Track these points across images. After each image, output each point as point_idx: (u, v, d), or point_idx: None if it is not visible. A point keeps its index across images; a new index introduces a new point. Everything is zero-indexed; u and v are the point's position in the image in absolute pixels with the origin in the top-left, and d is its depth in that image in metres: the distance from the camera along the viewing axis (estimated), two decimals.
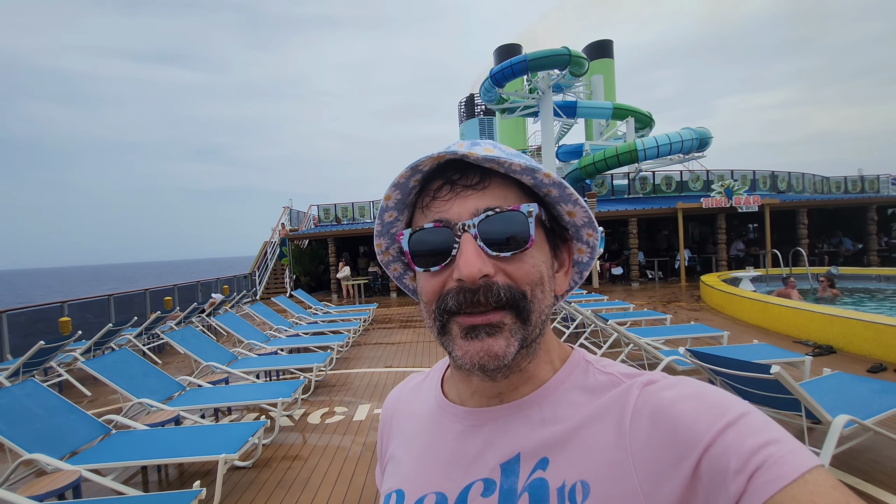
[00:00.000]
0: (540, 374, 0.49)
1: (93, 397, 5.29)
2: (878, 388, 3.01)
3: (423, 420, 0.56)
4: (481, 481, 0.46)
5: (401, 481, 0.53)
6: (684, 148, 15.83)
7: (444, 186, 0.46)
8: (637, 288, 12.77)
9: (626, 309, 7.49)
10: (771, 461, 0.34)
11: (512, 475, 0.45)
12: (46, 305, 8.37)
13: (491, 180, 0.45)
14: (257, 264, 16.93)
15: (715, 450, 0.36)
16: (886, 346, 4.79)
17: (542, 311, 0.46)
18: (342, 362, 6.15)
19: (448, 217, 0.45)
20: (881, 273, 10.67)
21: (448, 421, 0.52)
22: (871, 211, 14.67)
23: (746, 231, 18.27)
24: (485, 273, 0.43)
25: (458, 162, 0.46)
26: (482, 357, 0.43)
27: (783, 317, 6.37)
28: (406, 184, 0.47)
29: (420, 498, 0.49)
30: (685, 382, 0.43)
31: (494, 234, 0.44)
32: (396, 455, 0.57)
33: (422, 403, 0.58)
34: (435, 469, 0.51)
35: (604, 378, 0.47)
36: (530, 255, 0.45)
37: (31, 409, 3.01)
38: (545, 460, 0.44)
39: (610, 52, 24.49)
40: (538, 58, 15.50)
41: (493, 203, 0.44)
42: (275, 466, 3.21)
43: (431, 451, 0.52)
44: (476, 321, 0.43)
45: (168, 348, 7.86)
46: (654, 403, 0.42)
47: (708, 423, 0.37)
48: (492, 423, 0.49)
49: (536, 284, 0.45)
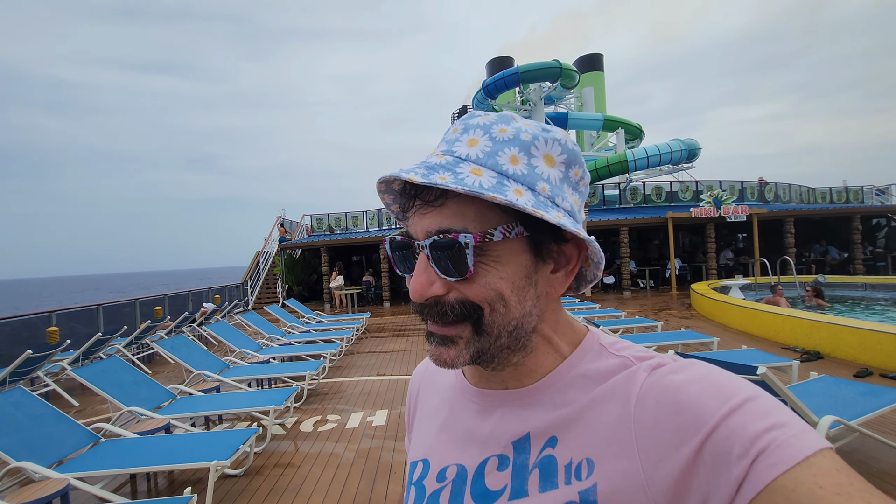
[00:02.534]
0: (544, 364, 0.50)
1: (81, 407, 5.20)
2: (864, 390, 3.08)
3: (445, 395, 0.60)
4: (496, 457, 0.49)
5: (426, 451, 0.57)
6: (674, 159, 16.12)
7: (410, 198, 0.47)
8: (629, 296, 12.86)
9: (618, 317, 7.55)
10: (775, 445, 0.34)
11: (524, 452, 0.48)
12: (34, 315, 8.24)
13: (448, 198, 0.44)
14: (249, 274, 16.81)
15: (719, 433, 0.36)
16: (872, 352, 4.88)
17: (506, 324, 0.46)
18: (335, 371, 6.12)
19: (410, 232, 0.48)
20: (866, 281, 10.88)
21: (466, 400, 0.55)
22: (855, 221, 14.98)
23: (735, 240, 18.52)
24: (429, 296, 0.45)
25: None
26: (436, 360, 0.47)
27: (772, 324, 6.46)
28: (391, 189, 0.51)
29: (444, 468, 0.53)
30: (694, 365, 0.43)
31: (441, 258, 0.44)
32: (423, 426, 0.61)
33: (445, 379, 0.61)
34: (455, 443, 0.54)
35: (616, 361, 0.47)
36: (482, 276, 0.44)
37: (19, 418, 2.97)
38: (554, 439, 0.46)
39: (600, 65, 24.96)
40: (530, 70, 15.77)
41: (446, 223, 0.44)
42: (266, 474, 3.19)
43: (452, 426, 0.56)
44: (434, 330, 0.47)
45: (158, 358, 7.75)
46: (661, 386, 0.42)
47: (713, 406, 0.37)
48: (503, 406, 0.51)
49: (495, 300, 0.45)
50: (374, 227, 16.97)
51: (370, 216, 17.19)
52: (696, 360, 0.44)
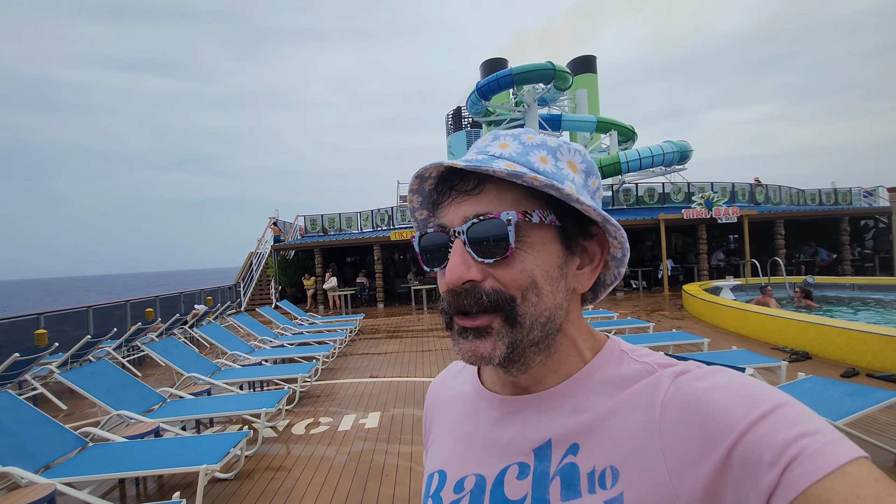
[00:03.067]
0: (566, 368, 0.50)
1: (69, 411, 5.14)
2: (850, 390, 3.12)
3: (463, 406, 0.59)
4: (516, 465, 0.49)
5: (442, 462, 0.56)
6: (666, 160, 16.25)
7: (445, 192, 0.49)
8: (622, 297, 12.94)
9: (611, 318, 7.60)
10: (807, 453, 0.32)
11: (545, 460, 0.47)
12: (22, 317, 8.13)
13: (486, 185, 0.46)
14: (242, 275, 16.71)
15: (748, 441, 0.35)
16: (859, 352, 4.94)
17: (539, 315, 0.46)
18: (328, 373, 6.09)
19: (445, 222, 0.48)
20: (855, 282, 11.03)
21: (485, 408, 0.55)
22: (844, 222, 15.19)
23: (727, 241, 18.71)
24: (467, 279, 0.45)
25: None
26: (470, 356, 0.46)
27: (761, 324, 6.53)
28: (422, 188, 0.51)
29: (461, 479, 0.52)
30: (719, 372, 0.42)
31: (480, 240, 0.45)
32: (439, 438, 0.60)
33: (462, 389, 0.61)
34: (474, 453, 0.53)
35: (638, 367, 0.47)
36: (518, 261, 0.45)
37: (5, 422, 2.93)
38: (575, 446, 0.45)
39: (593, 67, 25.12)
40: (523, 72, 15.84)
41: (484, 209, 0.46)
42: (257, 478, 3.17)
43: (470, 435, 0.55)
44: (466, 324, 0.46)
45: (148, 361, 7.68)
46: (686, 393, 0.41)
47: (741, 413, 0.37)
48: (524, 412, 0.51)
49: (528, 289, 0.45)
50: (369, 228, 16.92)
51: (364, 217, 17.14)
52: (721, 367, 0.43)
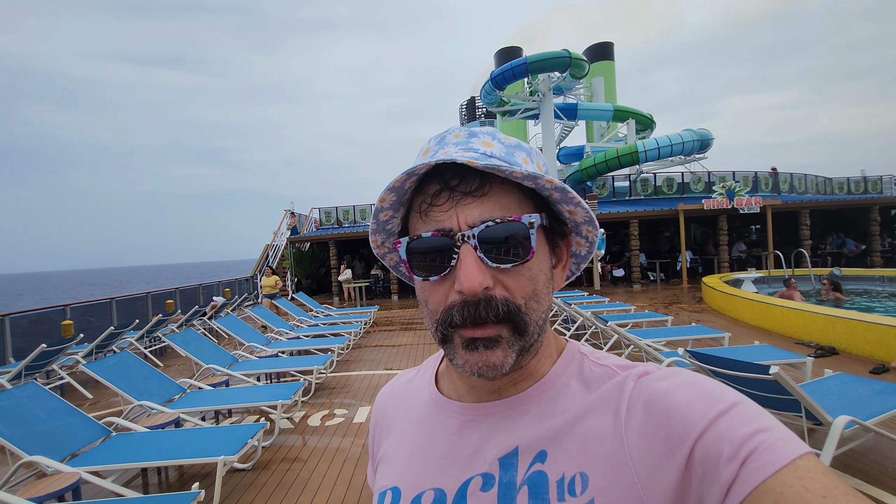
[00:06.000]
0: (540, 369, 0.49)
1: (94, 400, 5.31)
2: (880, 388, 2.99)
3: (416, 416, 0.55)
4: (480, 476, 0.46)
5: (395, 479, 0.52)
6: (685, 149, 15.81)
7: (442, 192, 0.44)
8: (638, 290, 12.73)
9: (628, 311, 7.47)
10: (762, 448, 0.34)
11: (511, 469, 0.45)
12: (49, 309, 8.40)
13: (491, 186, 0.44)
14: (259, 267, 16.96)
15: (708, 438, 0.36)
16: (889, 347, 4.76)
17: (538, 320, 0.45)
18: (343, 364, 6.15)
19: (447, 226, 0.44)
20: (884, 274, 10.62)
21: (444, 416, 0.52)
22: (874, 212, 14.62)
23: (748, 232, 18.22)
24: (486, 286, 0.43)
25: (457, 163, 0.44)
26: (481, 367, 0.44)
27: (785, 318, 6.35)
28: (402, 186, 0.46)
29: (418, 495, 0.49)
30: (679, 373, 0.43)
31: (495, 245, 0.43)
32: (389, 452, 0.56)
33: (414, 399, 0.57)
34: (431, 465, 0.50)
35: (599, 370, 0.47)
36: (529, 266, 0.44)
37: (32, 412, 3.03)
38: (543, 453, 0.44)
39: (610, 54, 24.51)
40: (538, 60, 15.53)
41: (493, 211, 0.43)
42: (274, 468, 3.22)
43: (427, 447, 0.52)
44: (476, 334, 0.43)
45: (169, 351, 7.87)
46: (648, 394, 0.42)
47: (701, 412, 0.38)
48: (490, 419, 0.48)
49: (531, 297, 0.45)
50: None
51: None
52: (680, 368, 0.45)
